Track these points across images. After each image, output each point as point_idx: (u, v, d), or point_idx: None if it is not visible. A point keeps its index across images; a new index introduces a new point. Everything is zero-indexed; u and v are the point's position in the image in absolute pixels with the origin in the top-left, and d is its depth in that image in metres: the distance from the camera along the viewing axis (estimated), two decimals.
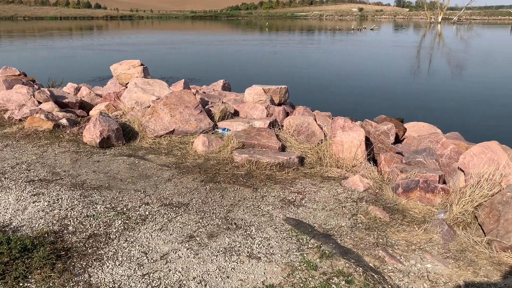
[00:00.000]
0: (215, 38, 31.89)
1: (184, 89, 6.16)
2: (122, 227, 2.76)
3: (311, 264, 2.37)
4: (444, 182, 3.65)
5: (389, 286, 2.20)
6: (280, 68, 16.27)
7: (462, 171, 3.65)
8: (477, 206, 3.03)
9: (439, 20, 58.06)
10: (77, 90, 7.09)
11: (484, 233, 2.89)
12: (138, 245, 2.55)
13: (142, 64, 6.66)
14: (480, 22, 57.00)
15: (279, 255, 2.47)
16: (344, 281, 2.21)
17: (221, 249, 2.53)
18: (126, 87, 6.54)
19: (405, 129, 6.07)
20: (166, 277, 2.27)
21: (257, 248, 2.54)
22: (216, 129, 4.89)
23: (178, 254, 2.48)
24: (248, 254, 2.47)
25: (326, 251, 2.49)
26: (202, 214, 2.97)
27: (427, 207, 3.27)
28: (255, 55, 20.54)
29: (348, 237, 2.73)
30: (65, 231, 2.69)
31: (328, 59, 19.45)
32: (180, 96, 5.13)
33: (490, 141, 3.64)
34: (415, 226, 2.93)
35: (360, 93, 11.80)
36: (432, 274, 2.38)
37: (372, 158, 4.54)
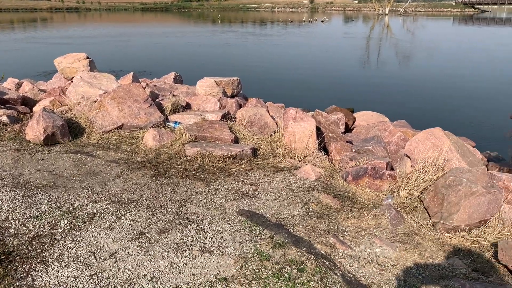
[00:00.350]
0: (166, 30, 31.25)
1: (133, 82, 5.99)
2: (69, 227, 2.64)
3: (264, 254, 2.37)
4: (392, 169, 3.77)
5: (340, 272, 2.25)
6: (233, 60, 16.20)
7: (409, 157, 3.78)
8: (422, 190, 3.15)
9: (387, 12, 59.93)
10: (19, 85, 6.72)
11: (430, 216, 3.01)
12: (86, 245, 2.46)
13: (88, 57, 6.40)
14: (425, 14, 59.35)
15: (232, 248, 2.45)
16: (296, 270, 2.23)
17: (173, 244, 2.48)
18: (72, 81, 6.27)
19: (355, 118, 6.22)
20: (115, 276, 2.20)
21: (209, 242, 2.52)
22: (167, 123, 4.79)
23: (128, 252, 2.40)
24: (200, 249, 2.44)
25: (279, 241, 2.51)
26: (153, 210, 2.90)
27: (376, 193, 3.37)
28: (207, 47, 20.33)
29: (301, 226, 2.76)
30: (6, 234, 2.54)
31: (281, 51, 19.58)
32: (129, 89, 4.98)
33: (434, 127, 3.79)
34: (364, 212, 3.01)
35: (312, 84, 11.97)
36: (381, 258, 2.45)
37: (324, 148, 4.62)
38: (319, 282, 2.14)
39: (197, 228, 2.68)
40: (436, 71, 14.07)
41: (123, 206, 2.94)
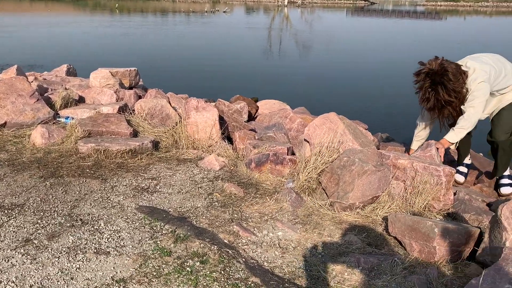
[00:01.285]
0: (58, 20, 28.96)
1: (17, 76, 5.42)
2: None
3: (165, 250, 2.28)
4: (293, 154, 3.87)
5: (243, 259, 2.24)
6: (132, 50, 15.52)
7: (308, 141, 3.90)
8: (320, 172, 3.27)
9: (286, 3, 61.83)
10: None
11: (328, 196, 3.14)
12: None
13: None
14: (321, 6, 62.29)
15: (131, 247, 2.32)
16: (198, 262, 2.18)
17: (64, 249, 2.28)
18: None
19: (258, 107, 6.31)
20: None
21: (106, 242, 2.36)
22: (58, 118, 4.41)
23: (12, 262, 2.16)
24: (95, 251, 2.27)
25: (181, 235, 2.43)
26: (42, 213, 2.65)
27: (278, 178, 3.43)
28: (104, 38, 19.24)
29: (204, 217, 2.71)
30: None
31: (183, 41, 19.22)
32: (11, 83, 4.50)
33: (329, 112, 3.95)
34: (267, 197, 3.05)
35: (217, 74, 11.93)
36: (283, 241, 2.49)
37: (227, 137, 4.60)
38: (222, 272, 2.11)
39: (92, 229, 2.49)
40: (333, 60, 14.85)
41: (6, 212, 2.64)
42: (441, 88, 3.28)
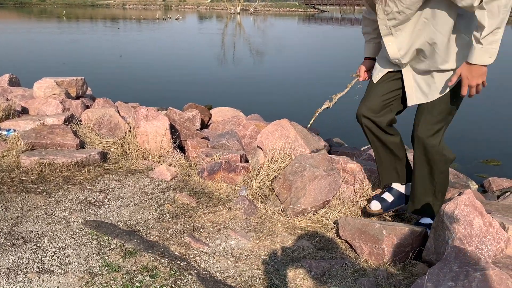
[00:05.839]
0: (1, 27, 27.62)
1: None
2: None
3: (113, 266, 2.20)
4: (247, 161, 3.87)
5: (195, 271, 2.20)
6: (79, 59, 15.03)
7: (261, 148, 3.92)
8: (273, 179, 3.29)
9: (238, 11, 62.25)
10: None
11: (281, 203, 3.16)
12: None
13: None
14: (273, 13, 63.16)
15: (77, 264, 2.22)
16: (148, 277, 2.11)
17: (4, 270, 2.14)
18: None
19: (211, 114, 6.27)
20: None
21: (49, 261, 2.24)
22: None
23: None
24: (38, 270, 2.15)
25: (130, 249, 2.35)
26: None
27: (231, 186, 3.41)
28: (50, 45, 18.52)
29: (155, 229, 2.64)
30: None
31: (135, 48, 18.85)
32: None
33: (282, 119, 3.99)
34: (220, 206, 3.02)
35: (169, 82, 11.77)
36: (236, 250, 2.47)
37: (180, 146, 4.54)
38: (173, 285, 2.06)
39: (35, 247, 2.36)
40: (285, 66, 15.06)
41: None
42: None
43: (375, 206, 2.85)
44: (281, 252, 2.48)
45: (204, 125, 5.96)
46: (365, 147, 5.57)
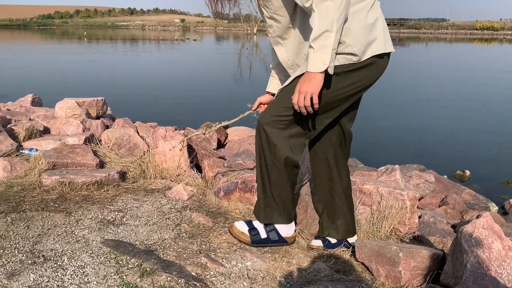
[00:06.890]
0: (25, 48, 28.51)
1: None
2: None
3: (131, 285, 2.22)
4: None
5: None
6: (100, 79, 15.40)
7: None
8: None
9: (255, 31, 63.09)
10: None
11: (296, 224, 3.15)
12: None
13: None
14: None
15: (95, 283, 2.26)
16: None
17: None
18: None
19: (227, 134, 6.33)
20: None
21: (69, 279, 2.28)
22: (21, 150, 4.30)
23: None
24: None
25: (148, 268, 2.38)
26: (1, 251, 2.54)
27: (247, 206, 3.43)
28: (71, 66, 19.03)
29: (171, 249, 2.67)
30: None
31: (153, 68, 19.23)
32: None
33: None
34: None
35: (187, 102, 11.95)
36: (252, 272, 2.48)
37: (196, 165, 4.59)
38: None
39: (55, 265, 2.41)
40: None
41: None
42: None
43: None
44: (297, 274, 2.47)
45: (220, 145, 6.02)
46: (382, 167, 5.53)
